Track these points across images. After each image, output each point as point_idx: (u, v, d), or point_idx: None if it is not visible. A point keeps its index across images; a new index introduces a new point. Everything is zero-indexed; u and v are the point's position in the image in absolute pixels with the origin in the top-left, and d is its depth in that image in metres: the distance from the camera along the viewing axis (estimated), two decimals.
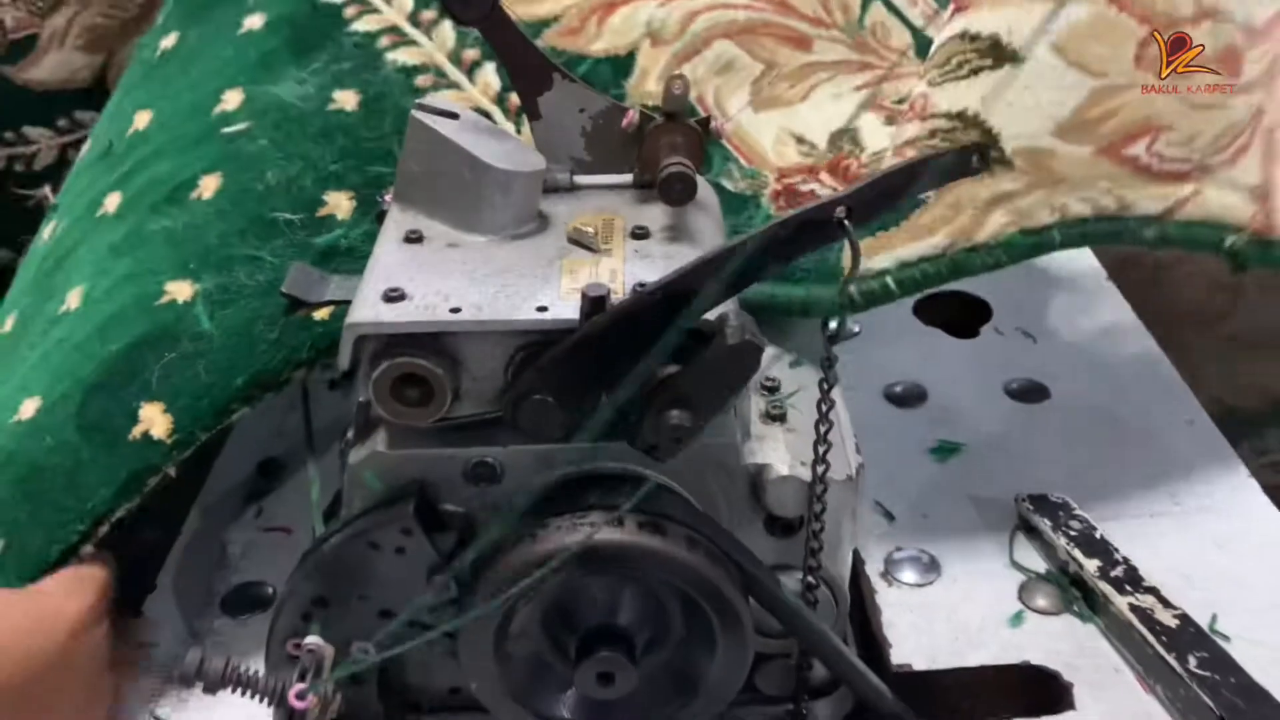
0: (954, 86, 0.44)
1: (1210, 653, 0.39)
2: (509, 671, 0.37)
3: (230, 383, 0.40)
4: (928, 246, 0.43)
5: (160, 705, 0.43)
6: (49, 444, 0.40)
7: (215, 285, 0.42)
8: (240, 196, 0.45)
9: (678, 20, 0.55)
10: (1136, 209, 0.44)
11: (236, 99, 0.48)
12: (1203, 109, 0.45)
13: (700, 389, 0.34)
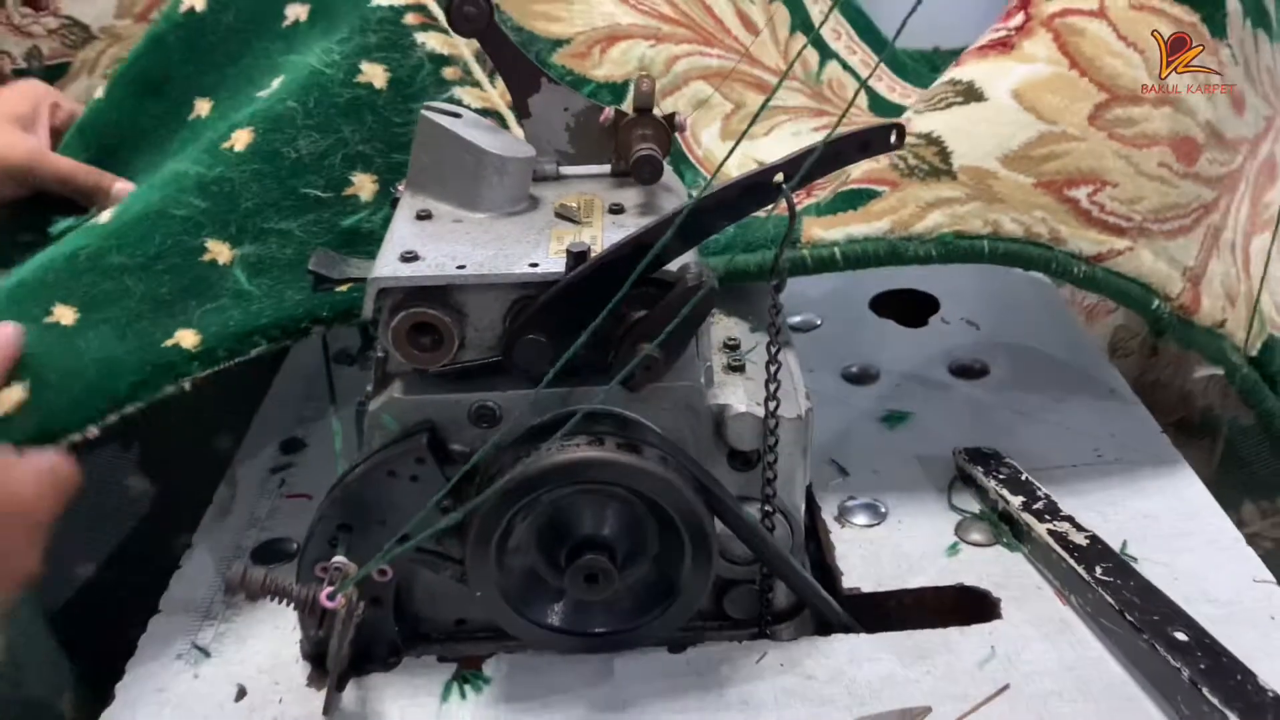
0: (930, 115, 0.53)
1: (1113, 563, 0.45)
2: (509, 583, 0.43)
3: (257, 320, 0.47)
4: (873, 229, 0.50)
5: (199, 637, 0.48)
6: (89, 338, 0.45)
7: (251, 253, 0.48)
8: (272, 158, 0.50)
9: (664, 60, 0.62)
10: (1069, 245, 0.51)
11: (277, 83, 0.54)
12: (1151, 178, 0.52)
13: (666, 327, 0.40)
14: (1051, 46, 0.53)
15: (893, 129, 0.41)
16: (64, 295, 0.47)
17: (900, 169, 0.51)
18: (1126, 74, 0.53)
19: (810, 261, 0.49)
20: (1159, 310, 0.52)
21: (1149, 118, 0.53)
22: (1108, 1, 0.54)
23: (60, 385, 0.44)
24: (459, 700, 0.44)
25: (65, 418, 0.43)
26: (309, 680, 0.46)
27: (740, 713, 0.42)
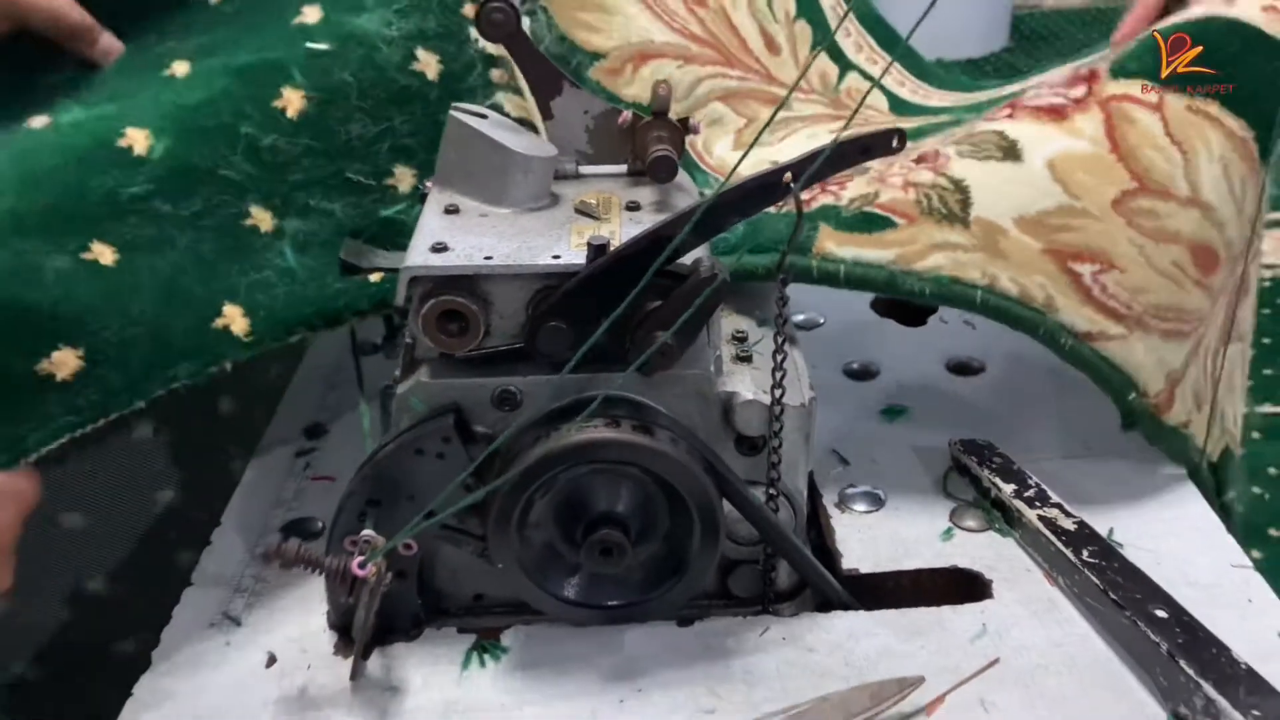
0: (968, 162, 0.54)
1: (1099, 547, 0.48)
2: (528, 557, 0.46)
3: (301, 311, 0.49)
4: (879, 256, 0.52)
5: (230, 607, 0.51)
6: (140, 306, 0.46)
7: (296, 228, 0.50)
8: (325, 135, 0.52)
9: (689, 82, 0.65)
10: (1062, 316, 0.52)
11: (315, 14, 0.54)
12: (1161, 274, 0.54)
13: (679, 316, 0.43)
14: (1100, 127, 0.54)
15: (894, 134, 0.44)
16: (101, 232, 0.47)
17: (922, 206, 0.53)
18: (1163, 169, 0.54)
19: (816, 273, 0.51)
20: (1134, 403, 0.53)
21: (1173, 215, 0.54)
22: (1168, 99, 0.55)
23: (116, 358, 0.45)
24: (478, 668, 0.47)
25: (123, 396, 0.45)
26: (336, 649, 0.48)
27: (744, 682, 0.45)
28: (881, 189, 0.54)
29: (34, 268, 0.44)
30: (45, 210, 0.47)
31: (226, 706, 0.46)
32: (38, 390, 0.44)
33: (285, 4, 0.55)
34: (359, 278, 0.51)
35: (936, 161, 0.55)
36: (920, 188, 0.53)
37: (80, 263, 0.46)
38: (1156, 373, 0.54)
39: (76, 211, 0.47)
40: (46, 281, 0.45)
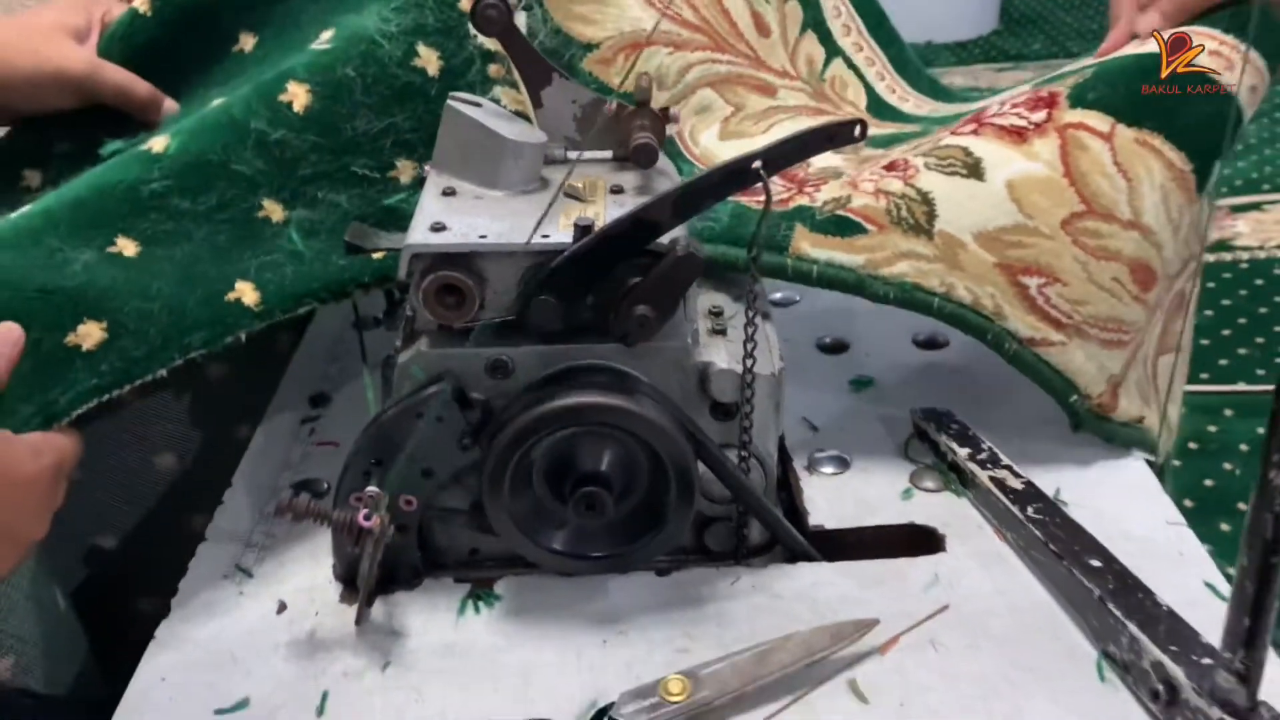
0: (935, 175, 0.58)
1: (1044, 504, 0.52)
2: (520, 511, 0.50)
3: (309, 285, 0.53)
4: (850, 260, 0.56)
5: (243, 560, 0.55)
6: (158, 285, 0.50)
7: (304, 217, 0.55)
8: (331, 132, 0.56)
9: (678, 69, 0.69)
10: (1008, 323, 0.56)
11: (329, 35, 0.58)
12: (1101, 288, 0.58)
13: (658, 291, 0.47)
14: (1056, 152, 0.58)
15: (857, 123, 0.48)
16: (125, 228, 0.52)
17: (891, 215, 0.57)
18: (1109, 194, 0.58)
19: (791, 272, 0.55)
20: (1075, 405, 0.58)
21: (1115, 236, 0.58)
22: (1118, 129, 0.59)
23: (136, 329, 0.49)
24: (473, 614, 0.51)
25: (141, 364, 0.49)
26: (341, 597, 0.52)
27: (716, 625, 0.49)
28: (854, 194, 0.58)
29: (64, 261, 0.49)
30: (74, 205, 0.51)
31: (241, 649, 0.50)
32: (66, 359, 0.48)
33: (307, 36, 0.59)
34: (363, 256, 0.54)
35: (906, 172, 0.59)
36: (890, 196, 0.57)
37: (105, 255, 0.51)
38: (1098, 377, 0.58)
39: (102, 207, 0.52)
40: (75, 270, 0.49)
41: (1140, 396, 0.61)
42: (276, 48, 0.61)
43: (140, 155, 0.54)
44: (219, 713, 0.47)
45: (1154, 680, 0.43)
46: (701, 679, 0.45)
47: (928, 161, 0.60)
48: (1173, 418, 0.66)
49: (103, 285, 0.50)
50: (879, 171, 0.60)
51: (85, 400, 0.48)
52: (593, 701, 0.45)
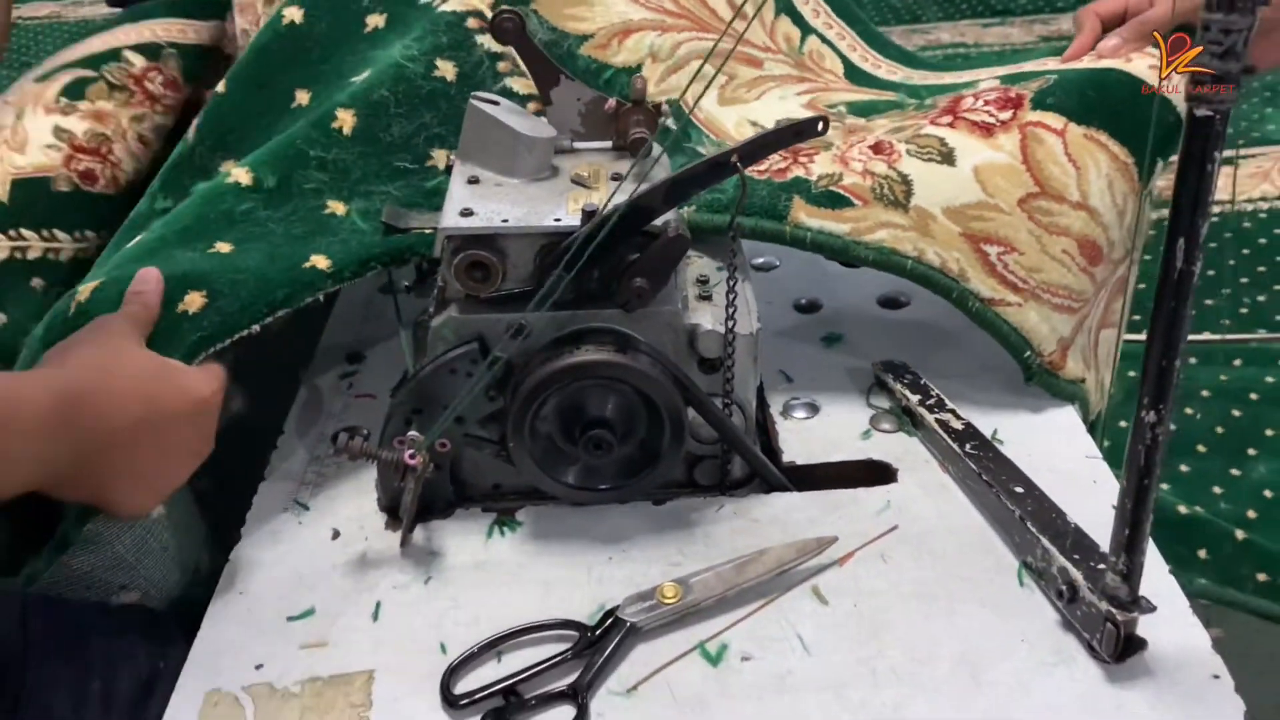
0: (914, 160, 0.67)
1: (980, 441, 0.62)
2: (538, 450, 0.59)
3: (369, 251, 0.62)
4: (838, 228, 0.65)
5: (299, 495, 0.64)
6: (245, 262, 0.60)
7: (362, 207, 0.64)
8: (373, 141, 0.66)
9: (669, 46, 0.77)
10: (971, 284, 0.65)
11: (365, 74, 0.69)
12: (1053, 258, 0.67)
13: (653, 265, 0.56)
14: (1017, 144, 0.68)
15: (820, 120, 0.56)
16: (222, 236, 0.62)
17: (875, 192, 0.66)
18: (1060, 179, 0.67)
19: (789, 237, 0.64)
20: (1029, 360, 0.66)
21: (1065, 214, 0.67)
22: (1070, 126, 0.69)
23: (230, 293, 0.58)
24: (499, 538, 0.60)
25: (236, 319, 0.58)
26: (386, 525, 0.62)
27: (703, 544, 0.59)
28: (844, 172, 0.67)
29: (173, 260, 0.59)
30: (181, 229, 0.63)
31: (303, 569, 0.59)
32: (175, 322, 0.58)
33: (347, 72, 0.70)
34: (396, 235, 0.63)
35: (890, 156, 0.68)
36: (875, 177, 0.67)
37: (208, 254, 0.61)
38: (1050, 337, 0.67)
39: (203, 228, 0.63)
40: (182, 262, 0.59)
41: (1083, 360, 0.71)
42: (327, 95, 0.71)
43: (230, 187, 0.65)
44: (290, 619, 0.56)
45: (1060, 583, 0.53)
46: (691, 585, 0.55)
47: (909, 149, 0.69)
48: (1106, 382, 0.75)
49: (203, 268, 0.59)
50: (866, 152, 0.69)
51: (195, 353, 0.57)
52: (601, 605, 0.55)
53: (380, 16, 0.73)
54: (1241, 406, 1.72)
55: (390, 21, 0.72)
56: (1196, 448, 1.63)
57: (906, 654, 0.52)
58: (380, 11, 0.73)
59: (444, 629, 0.55)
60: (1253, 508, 1.57)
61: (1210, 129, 0.41)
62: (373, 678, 0.52)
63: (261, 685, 0.52)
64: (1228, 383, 1.77)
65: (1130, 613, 0.49)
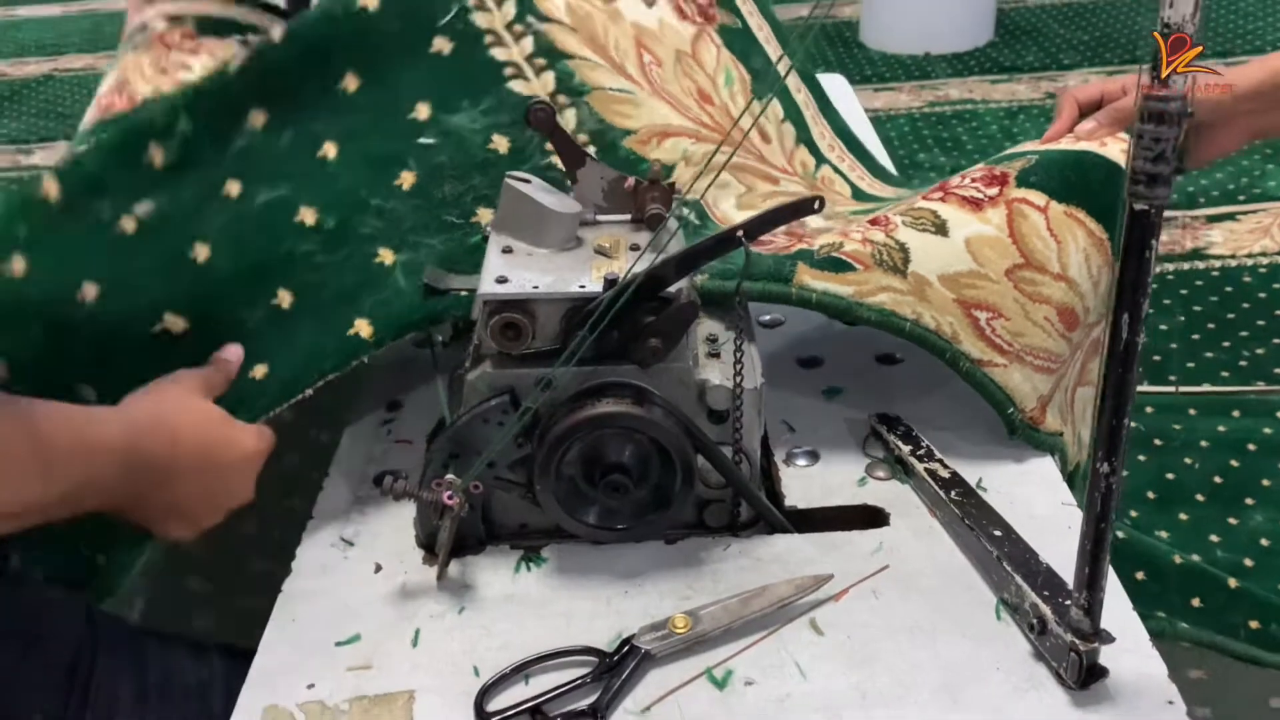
0: (910, 230, 0.74)
1: (964, 489, 0.68)
2: (561, 493, 0.65)
3: (410, 316, 0.70)
4: (842, 290, 0.72)
5: (344, 532, 0.71)
6: (301, 335, 0.67)
7: (408, 259, 0.71)
8: (428, 196, 0.74)
9: (701, 154, 0.85)
10: (963, 346, 0.72)
11: (425, 111, 0.77)
12: (1035, 324, 0.74)
13: (666, 327, 0.62)
14: (1004, 219, 0.75)
15: (816, 199, 0.63)
16: (285, 280, 0.70)
17: (875, 258, 0.73)
18: (1042, 252, 0.74)
19: (794, 298, 0.71)
20: (1012, 416, 0.73)
21: (1047, 284, 0.74)
22: (1051, 204, 0.76)
23: (287, 363, 0.66)
24: (526, 572, 0.67)
25: (292, 386, 0.67)
26: (424, 560, 0.68)
27: (711, 580, 0.65)
28: (845, 241, 0.74)
29: (242, 317, 0.67)
30: (249, 269, 0.69)
31: (348, 599, 0.66)
32: (249, 386, 0.66)
33: (402, 100, 0.76)
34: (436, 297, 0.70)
35: (888, 226, 0.75)
36: (875, 244, 0.73)
37: (270, 309, 0.69)
38: (1031, 395, 0.74)
39: (269, 268, 0.70)
40: (252, 327, 0.67)
41: (1060, 415, 0.77)
42: (374, 101, 0.76)
43: (295, 226, 0.71)
44: (338, 644, 0.62)
45: (1032, 617, 0.59)
46: (700, 617, 0.61)
47: (904, 220, 0.76)
48: (1084, 437, 0.81)
49: (267, 340, 0.68)
50: (864, 225, 0.76)
51: (259, 416, 0.66)
52: (619, 633, 0.61)
53: (448, 43, 0.80)
54: (1240, 457, 1.78)
55: (456, 56, 0.80)
56: (1195, 497, 1.69)
57: (894, 680, 0.58)
58: (449, 38, 0.81)
59: (477, 653, 0.61)
60: (1249, 556, 1.62)
61: (1148, 220, 0.47)
62: (413, 697, 0.58)
63: (314, 703, 0.59)
64: (1226, 434, 1.83)
65: (1091, 643, 0.55)
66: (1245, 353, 2.03)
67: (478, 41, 0.82)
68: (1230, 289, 2.21)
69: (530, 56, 0.83)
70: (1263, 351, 2.03)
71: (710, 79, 0.91)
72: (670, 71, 0.89)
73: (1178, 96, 0.45)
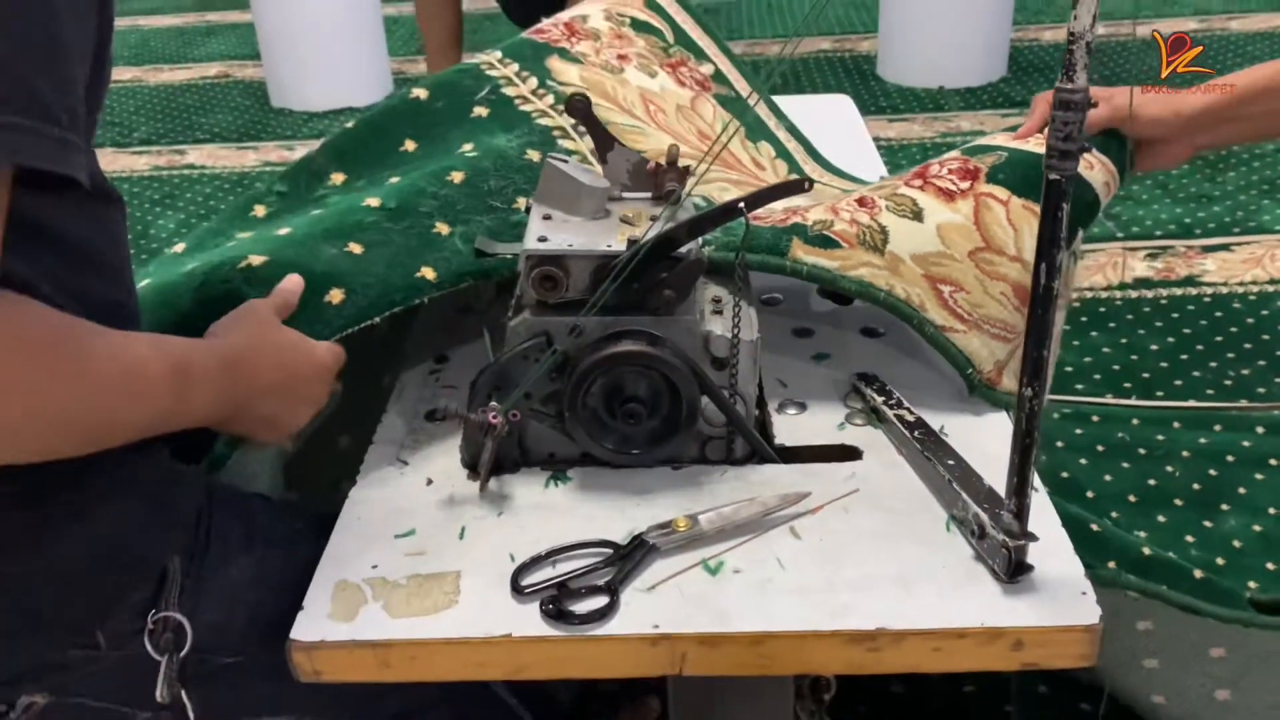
0: (891, 215, 0.87)
1: (926, 431, 0.80)
2: (586, 420, 0.78)
3: (466, 268, 0.83)
4: (828, 264, 0.84)
5: (400, 454, 0.83)
6: (374, 270, 0.81)
7: (463, 231, 0.84)
8: (475, 189, 0.88)
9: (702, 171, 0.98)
10: (929, 314, 0.85)
11: (470, 147, 0.92)
12: (993, 298, 0.86)
13: (678, 280, 0.75)
14: (971, 209, 0.89)
15: (805, 181, 0.76)
16: (355, 238, 0.83)
17: (859, 238, 0.86)
18: (1001, 237, 0.88)
19: (788, 269, 0.84)
20: (971, 376, 0.85)
21: (1004, 264, 0.87)
22: (1013, 199, 0.90)
23: (362, 292, 0.79)
24: (554, 488, 0.79)
25: (366, 311, 0.79)
26: (468, 476, 0.80)
27: (710, 498, 0.77)
28: (835, 219, 0.87)
29: (320, 252, 0.80)
30: (324, 231, 0.84)
31: (405, 505, 0.78)
32: (323, 308, 0.79)
33: (452, 145, 0.94)
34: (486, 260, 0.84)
35: (873, 210, 0.88)
36: (860, 225, 0.86)
37: (343, 252, 0.81)
38: (988, 359, 0.86)
39: (341, 231, 0.84)
40: (325, 260, 0.79)
41: (1015, 379, 0.89)
42: (430, 152, 0.95)
43: (362, 206, 0.87)
44: (397, 536, 0.75)
45: (974, 524, 0.71)
46: (699, 520, 0.73)
47: (888, 205, 0.89)
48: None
49: (342, 269, 0.80)
50: (853, 205, 0.89)
51: (336, 332, 0.78)
52: (631, 531, 0.73)
53: (485, 109, 0.98)
54: (1219, 467, 1.88)
55: (492, 115, 0.97)
56: (1174, 501, 1.80)
57: (857, 572, 0.70)
58: (486, 106, 0.99)
59: (512, 545, 0.73)
60: (1222, 556, 1.73)
61: (1059, 188, 0.60)
62: (460, 575, 0.71)
63: (377, 578, 0.71)
64: (1207, 445, 1.94)
65: (1019, 540, 0.67)
66: (1231, 373, 2.13)
67: (509, 104, 1.02)
68: (1220, 314, 2.32)
69: (552, 105, 1.03)
70: (1248, 372, 2.14)
71: (709, 125, 1.06)
72: (673, 117, 1.07)
73: (1081, 89, 0.58)
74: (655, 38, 1.19)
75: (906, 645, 0.66)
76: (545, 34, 1.14)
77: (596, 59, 1.10)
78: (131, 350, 0.62)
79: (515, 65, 1.07)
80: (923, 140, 3.23)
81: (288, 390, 0.75)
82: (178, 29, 4.92)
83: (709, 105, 1.13)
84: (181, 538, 0.67)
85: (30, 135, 0.52)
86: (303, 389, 0.75)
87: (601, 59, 1.11)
